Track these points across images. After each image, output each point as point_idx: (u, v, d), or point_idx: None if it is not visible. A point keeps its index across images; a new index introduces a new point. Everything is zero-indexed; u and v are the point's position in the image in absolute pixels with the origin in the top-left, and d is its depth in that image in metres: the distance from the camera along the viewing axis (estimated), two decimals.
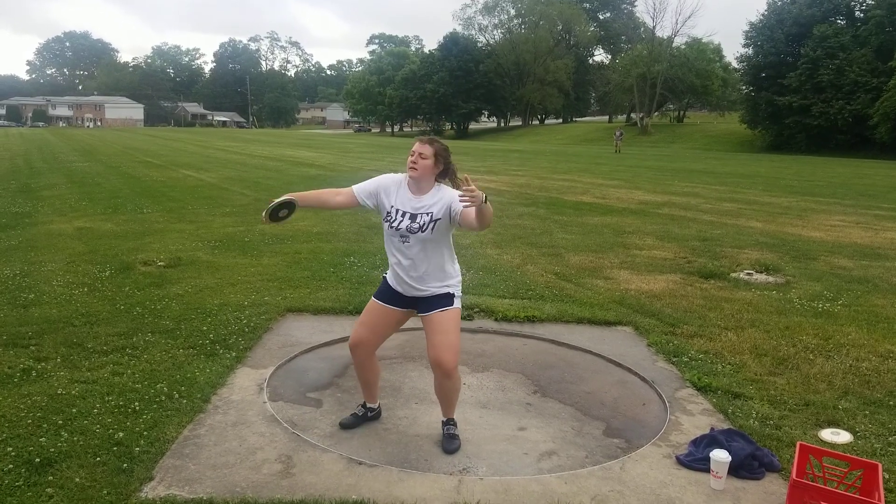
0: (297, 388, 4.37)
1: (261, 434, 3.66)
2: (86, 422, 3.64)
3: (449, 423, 3.70)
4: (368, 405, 3.91)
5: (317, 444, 3.55)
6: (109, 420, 3.67)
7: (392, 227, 3.51)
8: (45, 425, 3.58)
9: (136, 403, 3.88)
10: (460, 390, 3.72)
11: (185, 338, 5.09)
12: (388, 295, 3.68)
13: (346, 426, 3.82)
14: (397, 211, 3.52)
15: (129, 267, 7.34)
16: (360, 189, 3.65)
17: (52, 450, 3.31)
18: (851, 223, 12.50)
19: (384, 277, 3.74)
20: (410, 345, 5.22)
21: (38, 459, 3.21)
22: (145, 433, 3.54)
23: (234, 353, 4.82)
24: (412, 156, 3.47)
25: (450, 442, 3.63)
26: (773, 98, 54.96)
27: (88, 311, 5.66)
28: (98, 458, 3.26)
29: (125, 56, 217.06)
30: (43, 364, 4.46)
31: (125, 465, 3.21)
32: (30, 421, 3.62)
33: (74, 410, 3.77)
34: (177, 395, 4.03)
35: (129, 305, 5.88)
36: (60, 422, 3.62)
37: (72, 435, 3.48)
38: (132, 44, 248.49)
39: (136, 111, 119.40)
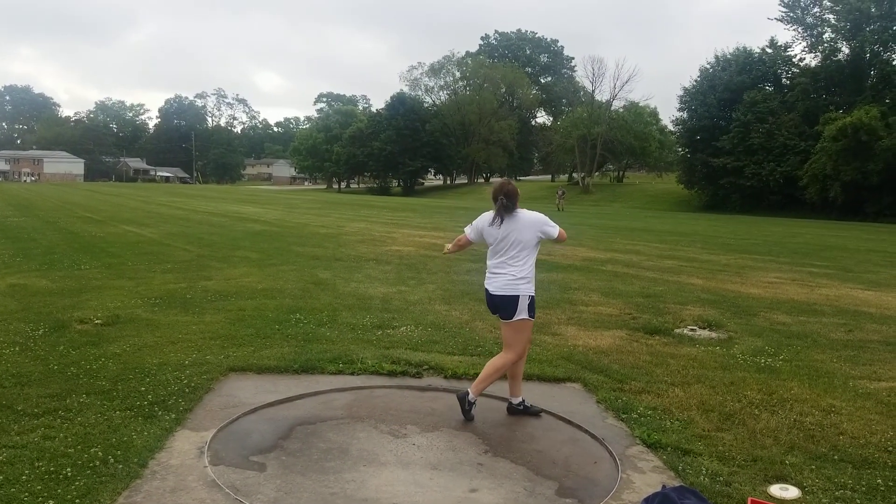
0: (239, 451, 4.20)
1: (201, 500, 3.49)
2: (13, 490, 3.42)
3: None
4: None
5: None
6: (39, 487, 3.45)
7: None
8: None
9: (69, 469, 3.67)
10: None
11: (121, 399, 4.87)
12: None
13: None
14: None
15: (64, 325, 7.05)
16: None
17: None
18: (787, 280, 12.88)
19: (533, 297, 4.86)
20: (358, 404, 5.10)
21: None
22: (77, 501, 3.34)
23: (173, 415, 4.63)
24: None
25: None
26: (708, 160, 57.32)
27: (19, 372, 5.39)
28: None
29: (67, 111, 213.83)
30: None
31: None
32: None
33: (1, 477, 3.54)
34: (112, 460, 3.82)
35: (63, 365, 5.62)
36: None
37: None
38: (75, 98, 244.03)
39: (76, 166, 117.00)
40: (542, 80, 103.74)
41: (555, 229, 4.94)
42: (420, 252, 15.26)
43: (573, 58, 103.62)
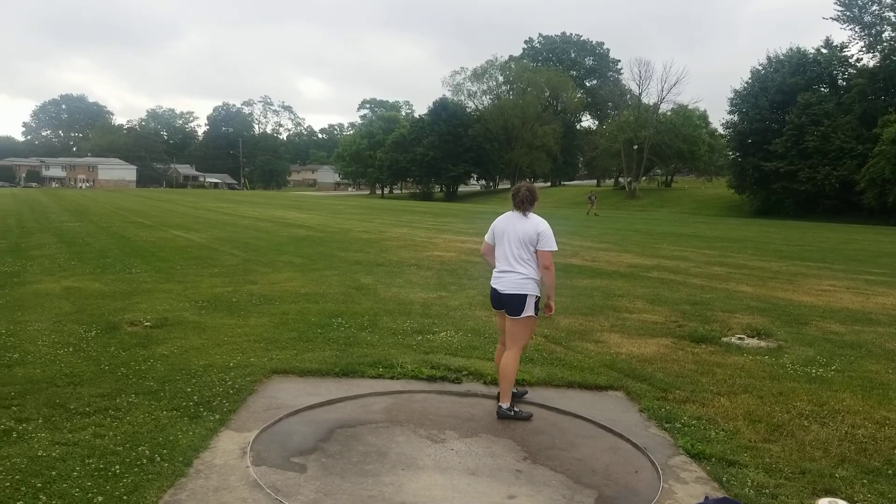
0: (281, 452, 4.26)
1: (243, 500, 3.55)
2: (65, 485, 3.54)
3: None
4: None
5: None
6: (89, 483, 3.57)
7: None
8: (23, 488, 3.48)
9: (117, 466, 3.78)
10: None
11: (168, 399, 4.99)
12: None
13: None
14: None
15: (115, 327, 7.25)
16: None
17: None
18: (842, 288, 12.51)
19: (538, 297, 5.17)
20: (397, 408, 5.13)
21: None
22: (125, 498, 3.44)
23: (217, 416, 4.72)
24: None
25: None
26: (760, 163, 55.74)
27: (72, 372, 5.56)
28: None
29: (120, 119, 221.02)
30: (24, 425, 4.36)
31: None
32: (8, 484, 3.53)
33: (54, 473, 3.67)
34: (158, 459, 3.92)
35: (113, 366, 5.79)
36: (39, 485, 3.52)
37: (50, 498, 3.38)
38: (127, 106, 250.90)
39: (128, 172, 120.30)
40: (588, 84, 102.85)
41: (551, 242, 5.12)
42: (461, 258, 15.26)
43: (619, 60, 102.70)
